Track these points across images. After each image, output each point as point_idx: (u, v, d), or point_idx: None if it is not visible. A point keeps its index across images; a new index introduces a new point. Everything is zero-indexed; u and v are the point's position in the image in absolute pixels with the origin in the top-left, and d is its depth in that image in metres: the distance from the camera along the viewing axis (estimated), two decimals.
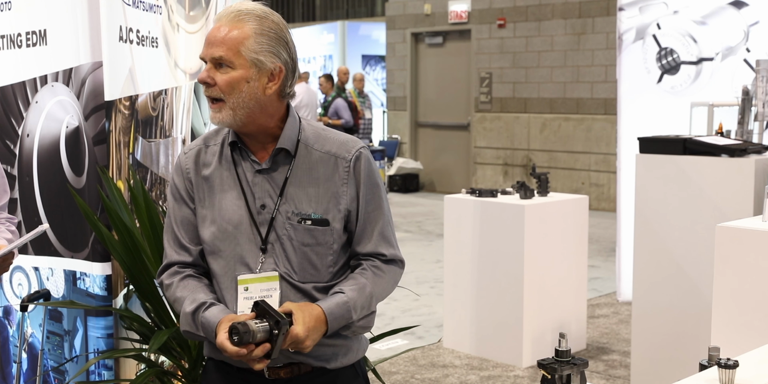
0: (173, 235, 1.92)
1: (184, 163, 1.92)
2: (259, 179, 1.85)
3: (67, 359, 2.88)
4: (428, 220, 9.35)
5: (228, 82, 1.78)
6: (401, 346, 4.81)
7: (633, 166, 4.24)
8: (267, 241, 1.83)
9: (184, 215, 1.90)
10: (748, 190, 3.66)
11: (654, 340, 4.06)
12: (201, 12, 3.30)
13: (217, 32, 1.79)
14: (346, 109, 10.91)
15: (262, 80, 1.80)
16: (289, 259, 1.83)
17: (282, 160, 1.86)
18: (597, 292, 6.16)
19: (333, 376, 1.89)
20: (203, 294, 1.85)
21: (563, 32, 10.30)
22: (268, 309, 1.70)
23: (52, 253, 2.91)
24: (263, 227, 1.83)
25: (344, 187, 1.85)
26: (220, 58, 1.78)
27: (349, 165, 1.85)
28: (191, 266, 1.91)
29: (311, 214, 1.83)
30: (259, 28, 1.79)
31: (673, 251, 3.98)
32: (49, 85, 2.85)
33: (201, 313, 1.80)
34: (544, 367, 1.71)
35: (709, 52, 5.70)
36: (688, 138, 3.96)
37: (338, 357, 1.89)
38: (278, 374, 1.86)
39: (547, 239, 4.64)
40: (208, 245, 1.87)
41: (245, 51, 1.77)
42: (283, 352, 1.77)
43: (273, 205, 1.83)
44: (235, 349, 1.68)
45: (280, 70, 1.81)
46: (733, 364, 1.64)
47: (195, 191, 1.89)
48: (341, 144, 1.88)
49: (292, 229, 1.82)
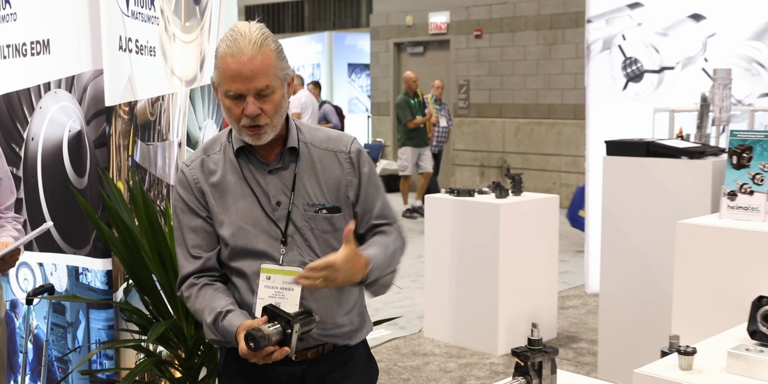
0: (184, 247, 1.89)
1: (190, 175, 1.88)
2: (271, 178, 1.85)
3: (71, 349, 2.87)
4: (410, 218, 9.36)
5: (275, 106, 1.77)
6: (384, 336, 4.82)
7: (600, 167, 4.26)
8: (287, 234, 1.84)
9: (197, 225, 1.87)
10: (706, 190, 3.68)
11: (619, 329, 4.08)
12: (196, 23, 3.28)
13: (247, 65, 1.72)
14: (334, 114, 10.92)
15: (286, 90, 1.81)
16: (312, 248, 1.84)
17: (288, 159, 1.87)
18: (567, 284, 6.18)
19: (350, 352, 1.94)
20: (220, 301, 1.82)
21: (535, 43, 10.34)
22: (278, 311, 1.70)
23: (56, 250, 2.89)
24: (281, 222, 1.84)
25: (349, 176, 1.88)
26: (266, 87, 1.74)
27: (350, 157, 1.89)
28: (205, 274, 1.88)
29: (325, 204, 1.85)
30: (274, 45, 1.77)
31: (637, 246, 4.00)
32: (52, 92, 2.83)
33: (220, 323, 1.79)
34: (517, 354, 1.72)
35: (670, 61, 5.74)
36: (651, 141, 3.98)
37: (356, 333, 1.94)
38: (305, 355, 1.88)
39: (521, 236, 4.65)
40: (232, 247, 1.85)
41: (278, 72, 1.77)
42: (311, 334, 1.80)
43: (288, 201, 1.84)
44: (250, 352, 1.68)
45: (292, 78, 1.84)
46: (692, 350, 1.66)
47: (208, 199, 1.87)
48: (336, 139, 1.91)
49: (312, 219, 1.84)
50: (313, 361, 1.89)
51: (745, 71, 5.51)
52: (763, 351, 1.64)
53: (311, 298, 1.83)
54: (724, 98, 4.36)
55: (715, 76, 4.41)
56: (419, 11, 11.71)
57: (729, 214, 2.48)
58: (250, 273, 1.85)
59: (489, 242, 4.55)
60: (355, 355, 1.96)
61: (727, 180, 2.48)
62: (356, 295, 1.95)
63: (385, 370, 4.32)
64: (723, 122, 4.41)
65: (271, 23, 15.09)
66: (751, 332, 1.78)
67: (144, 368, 2.66)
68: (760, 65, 5.49)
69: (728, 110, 4.39)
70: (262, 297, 1.81)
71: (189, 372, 2.74)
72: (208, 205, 1.87)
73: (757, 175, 2.42)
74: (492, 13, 10.78)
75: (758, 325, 1.76)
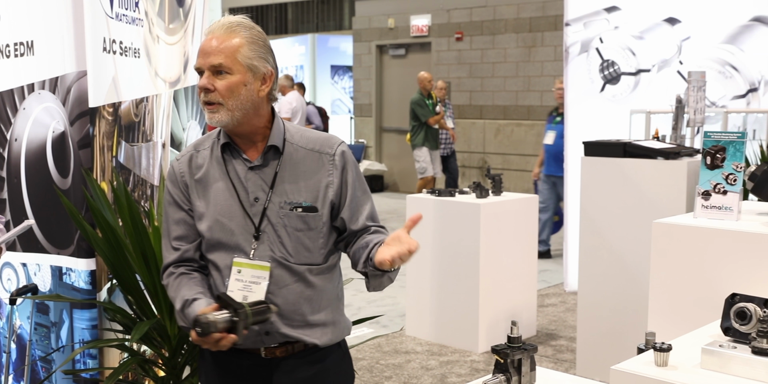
0: (167, 238, 1.95)
1: (177, 168, 1.94)
2: (252, 175, 1.88)
3: (54, 349, 2.84)
4: (392, 218, 9.36)
5: (227, 86, 1.81)
6: (367, 334, 4.82)
7: (579, 167, 4.28)
8: (260, 230, 1.85)
9: (180, 217, 1.92)
10: (681, 190, 3.71)
11: (597, 326, 4.11)
12: (180, 25, 3.27)
13: (212, 43, 1.81)
14: (317, 115, 10.92)
15: (256, 84, 1.84)
16: (284, 244, 1.86)
17: (271, 157, 1.89)
18: (546, 283, 6.21)
19: (323, 353, 1.93)
20: (191, 290, 1.86)
21: (515, 45, 10.38)
22: (229, 300, 1.73)
23: (40, 250, 2.86)
24: (256, 217, 1.86)
25: (330, 178, 1.89)
26: (219, 65, 1.80)
27: (334, 159, 1.90)
28: (184, 264, 1.93)
29: (302, 202, 1.86)
30: (250, 37, 1.83)
31: (614, 245, 4.02)
32: (36, 93, 2.80)
33: (186, 309, 1.83)
34: (497, 352, 1.72)
35: (646, 64, 5.78)
36: (627, 142, 4.01)
37: (328, 335, 1.92)
38: (274, 353, 1.88)
39: (501, 235, 4.67)
40: (208, 239, 1.89)
41: (241, 57, 1.81)
42: (278, 330, 1.82)
43: (265, 197, 1.86)
44: (198, 338, 1.70)
45: (271, 74, 1.86)
46: (667, 347, 1.67)
47: (190, 192, 1.92)
48: (323, 141, 1.92)
49: (285, 216, 1.85)
50: (282, 360, 1.89)
51: (719, 74, 5.57)
52: (736, 347, 1.66)
53: (278, 293, 1.85)
54: (698, 100, 4.40)
55: (690, 78, 4.45)
56: (401, 14, 11.72)
57: (703, 214, 2.50)
58: (223, 266, 1.88)
59: (469, 242, 4.56)
60: (328, 357, 1.94)
61: (701, 180, 2.50)
62: (330, 295, 1.94)
63: (368, 368, 4.32)
64: (697, 123, 4.45)
65: None
66: (725, 329, 1.80)
67: (128, 367, 2.64)
68: (733, 68, 5.55)
69: (702, 112, 4.43)
70: (232, 290, 1.85)
71: (173, 371, 2.73)
72: (190, 199, 1.91)
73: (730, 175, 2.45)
74: (472, 16, 10.81)
75: (731, 321, 1.78)
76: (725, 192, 2.46)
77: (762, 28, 5.49)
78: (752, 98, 5.56)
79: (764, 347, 1.62)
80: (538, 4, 10.12)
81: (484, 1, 10.70)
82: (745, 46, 5.52)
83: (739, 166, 2.44)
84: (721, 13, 5.56)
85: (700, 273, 2.42)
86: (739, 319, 1.76)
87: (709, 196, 2.49)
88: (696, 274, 2.43)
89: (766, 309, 1.71)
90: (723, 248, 2.36)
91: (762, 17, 5.49)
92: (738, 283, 2.26)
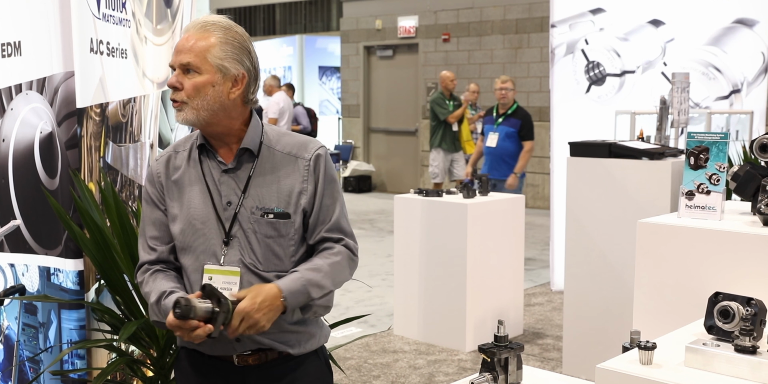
0: (143, 237, 1.92)
1: (155, 169, 1.92)
2: (225, 178, 1.85)
3: (42, 350, 2.82)
4: (380, 218, 9.36)
5: (194, 85, 1.79)
6: (355, 334, 4.81)
7: (564, 168, 4.29)
8: (230, 235, 1.82)
9: (156, 217, 1.90)
10: (666, 190, 3.73)
11: (583, 325, 4.12)
12: (167, 26, 3.25)
13: (185, 42, 1.80)
14: (305, 116, 10.87)
15: (226, 85, 1.80)
16: (254, 251, 1.82)
17: (246, 160, 1.85)
18: (532, 282, 6.23)
19: (298, 361, 1.88)
20: (165, 283, 1.83)
21: (502, 47, 10.40)
22: (215, 291, 1.68)
23: (28, 251, 2.84)
24: (227, 222, 1.83)
25: (304, 184, 1.84)
26: (188, 63, 1.78)
27: (309, 164, 1.85)
28: (160, 263, 1.90)
29: (274, 208, 1.82)
30: (224, 37, 1.80)
31: (600, 245, 4.04)
32: (23, 93, 2.78)
33: (163, 301, 1.79)
34: (484, 351, 1.72)
35: (631, 65, 5.81)
36: (612, 143, 4.02)
37: (302, 343, 1.87)
38: (247, 361, 1.84)
39: (488, 235, 4.68)
40: (179, 242, 1.86)
41: (211, 58, 1.78)
42: (250, 336, 1.75)
43: (237, 201, 1.83)
44: (175, 321, 1.65)
45: (243, 76, 1.82)
46: (652, 345, 1.68)
47: (166, 193, 1.89)
48: (301, 145, 1.88)
49: (256, 222, 1.82)
50: (256, 368, 1.85)
51: (703, 75, 5.61)
52: (720, 345, 1.67)
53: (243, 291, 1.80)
54: (682, 101, 4.42)
55: (674, 79, 4.48)
56: (388, 15, 11.72)
57: (687, 213, 2.51)
58: (192, 270, 1.85)
59: (457, 241, 4.57)
60: (302, 366, 1.88)
61: (685, 180, 2.51)
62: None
63: (356, 367, 4.31)
64: (681, 124, 4.48)
65: (243, 26, 14.90)
66: (708, 327, 1.81)
67: (116, 368, 2.63)
68: (717, 69, 5.59)
69: (686, 113, 4.46)
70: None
71: (161, 371, 2.71)
72: (165, 200, 1.89)
73: (713, 175, 2.46)
74: (459, 17, 10.82)
75: (715, 320, 1.79)
76: (709, 192, 2.47)
77: (744, 30, 5.53)
78: (735, 99, 5.60)
79: (747, 345, 1.63)
80: (525, 5, 10.14)
81: (470, 3, 10.72)
82: (728, 47, 5.56)
83: (722, 166, 2.45)
84: (705, 15, 5.60)
85: (684, 272, 2.43)
86: (722, 317, 1.77)
87: (692, 196, 2.50)
88: (680, 273, 2.44)
89: (749, 307, 1.72)
90: (706, 247, 2.38)
91: (744, 19, 5.53)
92: (721, 282, 2.27)
